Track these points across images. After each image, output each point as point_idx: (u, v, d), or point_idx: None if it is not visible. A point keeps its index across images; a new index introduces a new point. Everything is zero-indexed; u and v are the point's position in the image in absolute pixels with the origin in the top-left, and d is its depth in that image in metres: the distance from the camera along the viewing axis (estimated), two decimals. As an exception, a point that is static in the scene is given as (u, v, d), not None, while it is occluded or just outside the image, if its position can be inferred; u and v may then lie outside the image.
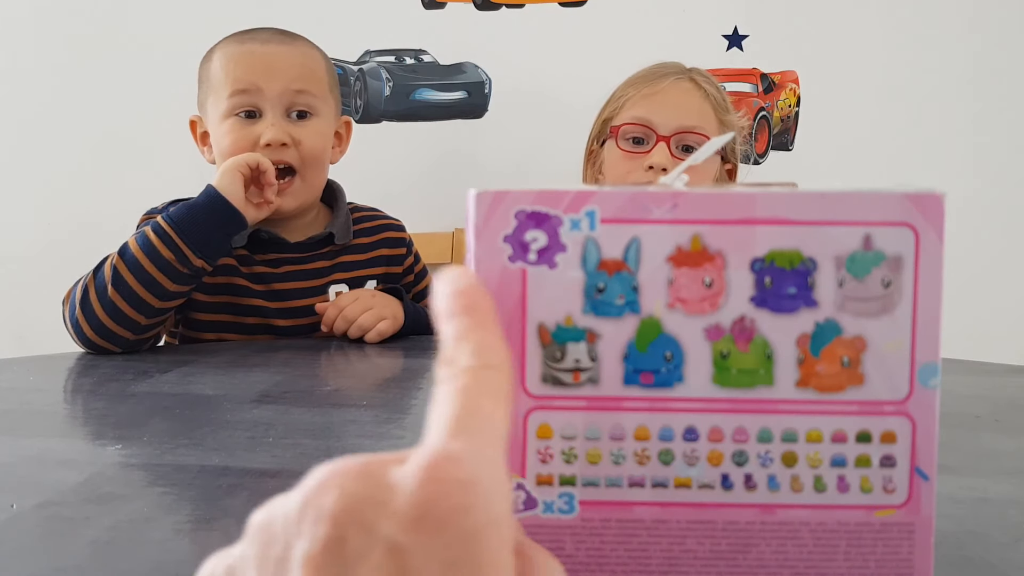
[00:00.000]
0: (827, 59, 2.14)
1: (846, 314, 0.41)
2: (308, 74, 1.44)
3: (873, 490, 0.42)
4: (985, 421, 0.93)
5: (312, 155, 1.43)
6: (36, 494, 0.64)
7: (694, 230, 0.41)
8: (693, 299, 0.41)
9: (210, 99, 1.44)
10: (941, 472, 0.71)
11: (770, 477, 0.42)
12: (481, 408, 0.32)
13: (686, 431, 0.41)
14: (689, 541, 0.42)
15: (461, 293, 0.37)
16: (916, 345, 0.41)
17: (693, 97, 1.55)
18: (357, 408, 0.94)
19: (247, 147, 1.39)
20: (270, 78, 1.40)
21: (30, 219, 2.14)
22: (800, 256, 0.41)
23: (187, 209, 1.26)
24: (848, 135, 2.13)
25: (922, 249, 0.41)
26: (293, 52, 1.44)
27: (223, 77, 1.41)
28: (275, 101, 1.40)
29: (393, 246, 1.55)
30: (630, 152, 1.52)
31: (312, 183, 1.46)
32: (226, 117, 1.41)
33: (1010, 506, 0.66)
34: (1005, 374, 1.20)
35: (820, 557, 0.42)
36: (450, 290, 0.37)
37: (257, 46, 1.42)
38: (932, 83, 2.10)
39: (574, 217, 0.41)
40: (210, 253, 1.26)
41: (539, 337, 0.41)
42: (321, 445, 0.79)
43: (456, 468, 0.28)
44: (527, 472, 0.41)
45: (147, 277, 1.21)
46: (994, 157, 2.10)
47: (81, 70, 2.11)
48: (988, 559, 0.55)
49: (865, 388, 0.41)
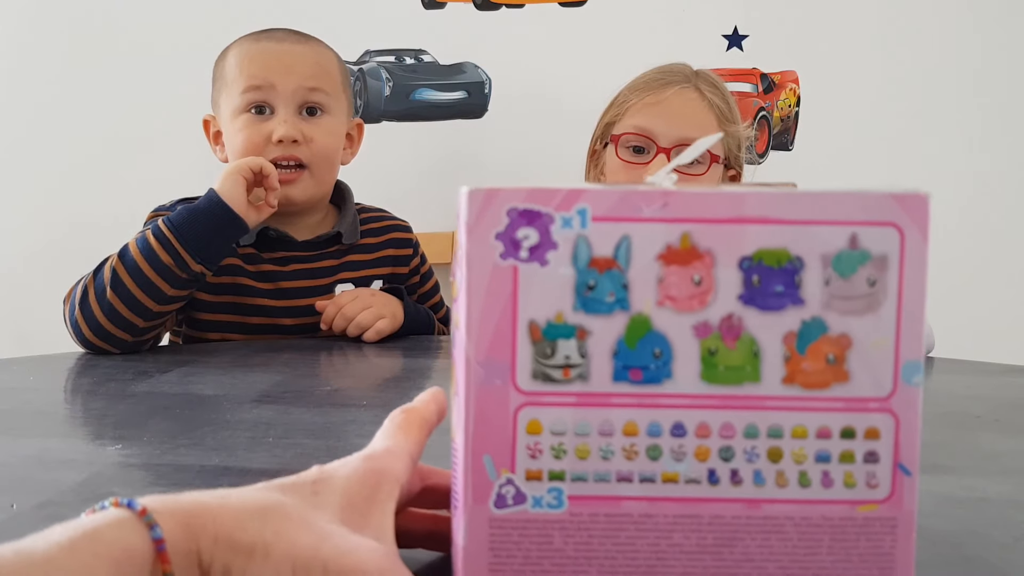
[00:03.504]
0: (827, 59, 2.14)
1: (832, 312, 0.42)
2: (321, 72, 1.44)
3: (857, 485, 0.42)
4: (985, 421, 0.93)
5: (323, 153, 1.43)
6: (36, 494, 0.64)
7: (684, 229, 0.42)
8: (682, 297, 0.42)
9: (223, 96, 1.45)
10: (941, 472, 0.72)
11: (756, 472, 0.42)
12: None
13: (674, 427, 0.42)
14: (676, 535, 0.42)
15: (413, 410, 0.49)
16: (900, 343, 0.42)
17: (696, 107, 1.52)
18: (357, 408, 0.94)
19: (259, 143, 1.39)
20: (284, 75, 1.40)
21: (30, 219, 2.14)
22: (787, 255, 0.42)
23: (188, 213, 1.25)
24: (848, 135, 2.13)
25: (907, 248, 0.42)
26: (307, 51, 1.45)
27: (237, 74, 1.42)
28: (288, 98, 1.41)
29: (400, 247, 1.55)
30: (629, 162, 1.51)
31: (322, 179, 1.46)
32: (239, 113, 1.41)
33: (1010, 506, 0.65)
34: (1005, 374, 1.19)
35: (804, 551, 0.43)
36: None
37: (272, 44, 1.43)
38: (932, 83, 2.10)
39: (565, 215, 0.41)
40: (210, 258, 1.25)
41: (530, 334, 0.42)
42: (321, 445, 0.79)
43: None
44: (516, 467, 0.42)
45: (146, 281, 1.21)
46: (994, 157, 2.10)
47: (81, 70, 2.12)
48: (988, 559, 0.55)
49: (850, 385, 0.42)
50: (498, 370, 0.42)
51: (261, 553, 0.38)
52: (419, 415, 0.49)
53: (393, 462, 0.45)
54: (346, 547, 0.39)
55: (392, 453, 0.45)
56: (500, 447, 0.42)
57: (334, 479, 0.43)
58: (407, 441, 0.47)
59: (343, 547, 0.39)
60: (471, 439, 0.42)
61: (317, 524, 0.40)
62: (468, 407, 0.42)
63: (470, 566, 0.43)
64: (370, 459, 0.44)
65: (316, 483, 0.43)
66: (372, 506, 0.42)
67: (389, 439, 0.47)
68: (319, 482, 0.43)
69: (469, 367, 0.42)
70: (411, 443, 0.47)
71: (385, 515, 0.42)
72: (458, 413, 0.43)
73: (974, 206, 2.09)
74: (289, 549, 0.38)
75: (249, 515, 0.39)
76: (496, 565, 0.42)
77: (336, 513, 0.41)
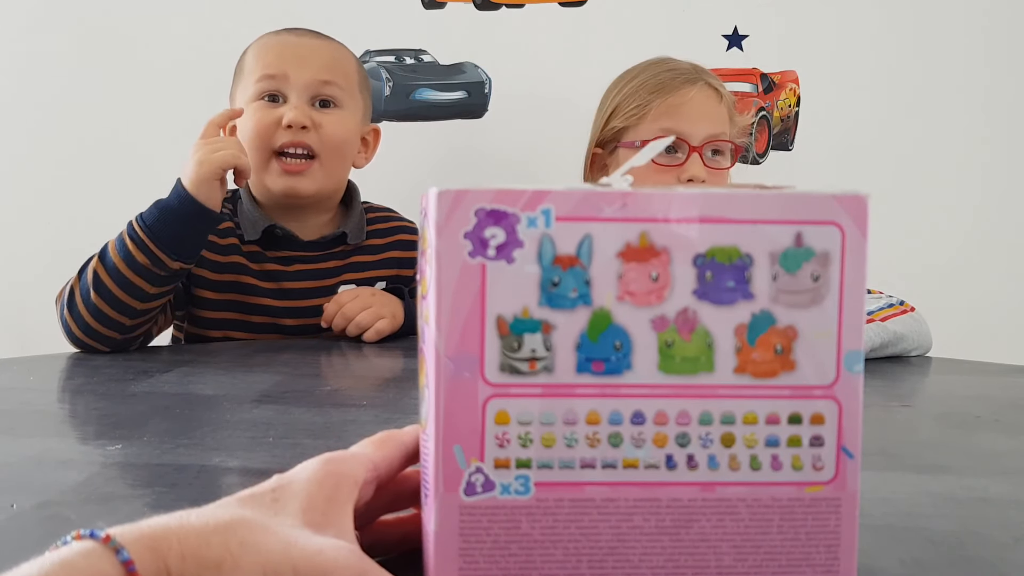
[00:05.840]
0: (827, 59, 2.14)
1: (779, 306, 0.44)
2: (336, 66, 1.46)
3: (803, 468, 0.45)
4: (985, 421, 0.94)
5: (333, 141, 1.44)
6: (36, 494, 0.64)
7: (642, 228, 0.44)
8: (641, 292, 0.44)
9: (239, 87, 1.46)
10: (941, 472, 0.74)
11: (710, 457, 0.45)
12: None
13: (634, 415, 0.44)
14: (636, 518, 0.45)
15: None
16: (842, 334, 0.44)
17: (715, 103, 1.57)
18: (357, 408, 0.95)
19: (270, 127, 1.40)
20: (299, 66, 1.42)
21: (30, 219, 2.15)
22: (738, 252, 0.44)
23: (159, 212, 1.23)
24: (848, 135, 2.13)
25: (847, 246, 0.44)
26: (324, 45, 1.47)
27: (254, 64, 1.44)
28: (301, 89, 1.42)
29: (406, 249, 1.55)
30: (665, 165, 1.52)
31: (331, 171, 1.46)
32: (252, 101, 1.43)
33: (1010, 506, 0.66)
34: (1005, 374, 1.21)
35: (756, 530, 0.45)
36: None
37: (291, 37, 1.46)
38: (932, 83, 2.10)
39: (531, 215, 0.44)
40: (186, 255, 1.25)
41: (497, 328, 0.44)
42: (321, 445, 0.78)
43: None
44: (485, 456, 0.44)
45: (126, 282, 1.21)
46: (995, 156, 2.10)
47: (82, 71, 2.12)
48: (988, 559, 0.55)
49: (796, 374, 0.44)
50: (467, 363, 0.44)
51: (230, 566, 0.39)
52: (397, 435, 0.51)
53: (353, 465, 0.47)
54: (313, 548, 0.41)
55: (353, 456, 0.48)
56: (469, 437, 0.44)
57: (293, 484, 0.45)
58: (374, 451, 0.49)
59: (310, 548, 0.41)
60: (441, 430, 0.44)
61: (281, 530, 0.41)
62: (438, 399, 0.44)
63: (441, 552, 0.45)
64: (329, 462, 0.46)
65: (275, 490, 0.44)
66: (332, 506, 0.44)
67: (357, 448, 0.49)
68: (278, 489, 0.44)
69: (439, 361, 0.44)
70: (378, 455, 0.49)
71: (345, 515, 0.44)
72: (428, 405, 0.45)
73: (974, 206, 2.09)
74: (257, 557, 0.40)
75: (211, 531, 0.40)
76: (466, 550, 0.45)
77: (298, 517, 0.43)
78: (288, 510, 0.43)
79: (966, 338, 1.75)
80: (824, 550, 0.45)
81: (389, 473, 0.50)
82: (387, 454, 0.49)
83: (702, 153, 1.52)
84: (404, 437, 0.51)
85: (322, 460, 0.46)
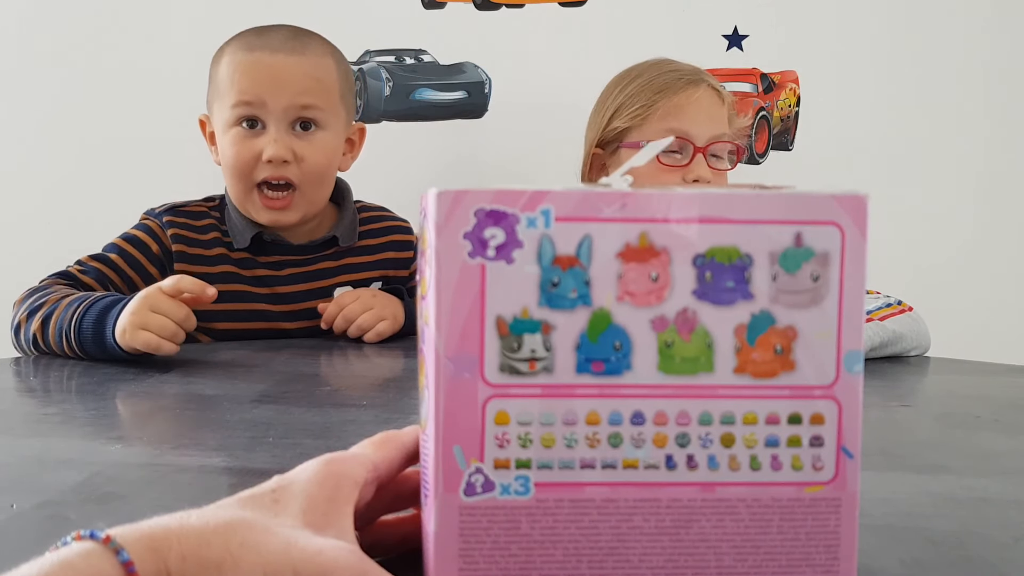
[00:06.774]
0: (827, 59, 2.14)
1: (779, 306, 0.44)
2: (316, 86, 1.41)
3: (803, 468, 0.45)
4: (985, 421, 0.94)
5: (314, 172, 1.41)
6: (36, 494, 0.64)
7: (641, 228, 0.44)
8: (640, 292, 0.44)
9: (216, 104, 1.43)
10: (941, 472, 0.74)
11: (710, 457, 0.45)
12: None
13: (634, 415, 0.44)
14: (636, 518, 0.45)
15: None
16: (842, 334, 0.44)
17: (718, 104, 1.58)
18: (357, 408, 0.95)
19: (250, 161, 1.38)
20: (275, 91, 1.38)
21: (30, 219, 2.15)
22: (738, 252, 0.44)
23: (93, 342, 1.15)
24: (848, 135, 2.14)
25: (847, 246, 0.44)
26: (302, 62, 1.40)
27: (229, 85, 1.39)
28: (279, 115, 1.38)
29: (399, 249, 1.55)
30: (670, 166, 1.52)
31: (313, 198, 1.44)
32: (229, 127, 1.39)
33: (1010, 506, 0.66)
34: (1005, 374, 1.21)
35: (756, 531, 0.45)
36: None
37: (266, 55, 1.39)
38: (932, 82, 2.10)
39: (530, 215, 0.44)
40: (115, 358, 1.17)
41: (497, 329, 0.44)
42: (321, 445, 0.78)
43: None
44: (485, 457, 0.44)
45: (64, 353, 1.19)
46: (995, 156, 2.10)
47: (81, 71, 2.12)
48: (988, 559, 0.55)
49: (796, 374, 0.44)
50: (467, 364, 0.44)
51: (230, 566, 0.39)
52: (397, 436, 0.51)
53: (353, 465, 0.47)
54: (314, 548, 0.41)
55: (353, 457, 0.48)
56: (469, 438, 0.44)
57: (293, 485, 0.45)
58: (375, 452, 0.49)
59: (311, 549, 0.41)
60: (441, 430, 0.44)
61: (281, 531, 0.41)
62: (438, 400, 0.44)
63: (441, 552, 0.45)
64: (329, 463, 0.46)
65: (276, 491, 0.44)
66: (332, 507, 0.44)
67: (357, 448, 0.49)
68: (278, 490, 0.44)
69: (439, 361, 0.44)
70: (379, 455, 0.49)
71: (345, 516, 0.44)
72: (428, 406, 0.45)
73: (975, 206, 2.09)
74: (257, 558, 0.40)
75: (212, 532, 0.40)
76: (466, 550, 0.45)
77: (298, 518, 0.43)
78: (288, 511, 0.43)
79: (966, 338, 1.75)
80: (824, 550, 0.45)
81: (389, 474, 0.50)
82: (387, 455, 0.49)
83: (705, 153, 1.52)
84: (404, 438, 0.51)
85: (322, 461, 0.46)
